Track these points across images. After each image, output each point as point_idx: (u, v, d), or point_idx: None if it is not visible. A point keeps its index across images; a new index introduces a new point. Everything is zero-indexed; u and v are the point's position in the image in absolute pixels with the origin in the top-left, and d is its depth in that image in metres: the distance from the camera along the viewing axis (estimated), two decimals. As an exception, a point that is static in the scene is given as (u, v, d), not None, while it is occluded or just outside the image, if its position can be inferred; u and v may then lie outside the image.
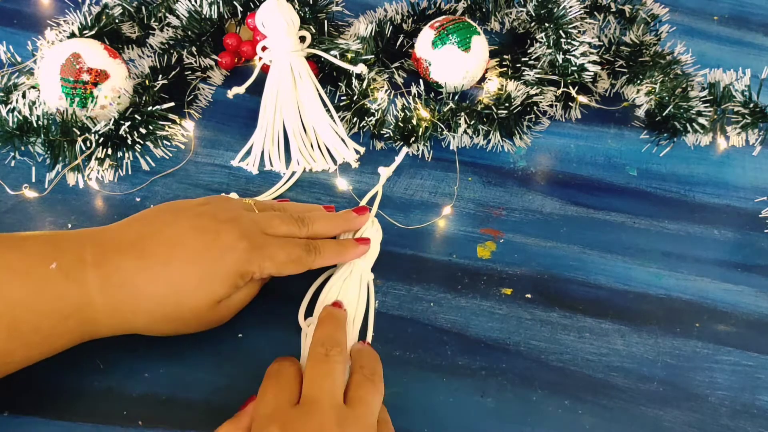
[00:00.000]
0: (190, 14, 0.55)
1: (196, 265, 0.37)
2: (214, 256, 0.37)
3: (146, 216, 0.40)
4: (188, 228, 0.38)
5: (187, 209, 0.40)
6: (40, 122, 0.47)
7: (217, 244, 0.37)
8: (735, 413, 0.41)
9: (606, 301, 0.46)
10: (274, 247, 0.39)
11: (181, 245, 0.37)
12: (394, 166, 0.52)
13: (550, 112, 0.56)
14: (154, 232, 0.38)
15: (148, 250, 0.37)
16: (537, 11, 0.57)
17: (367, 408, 0.35)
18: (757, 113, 0.54)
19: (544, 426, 0.40)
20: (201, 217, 0.39)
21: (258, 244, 0.39)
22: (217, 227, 0.38)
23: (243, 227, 0.39)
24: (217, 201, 0.41)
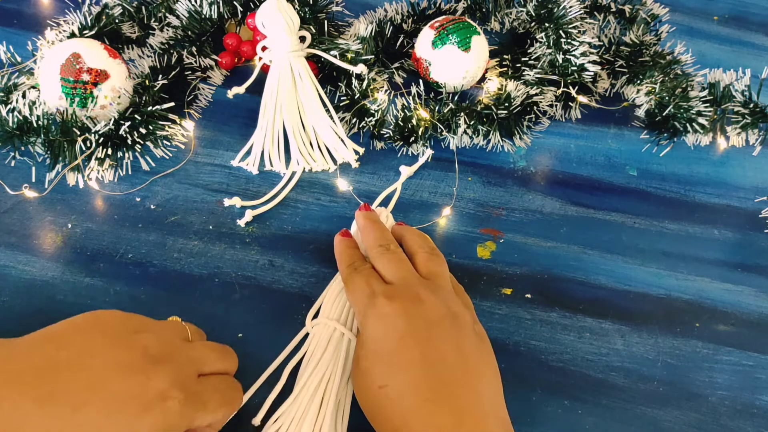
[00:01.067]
0: (190, 14, 0.55)
1: (115, 417, 0.30)
2: (140, 407, 0.31)
3: (66, 334, 0.32)
4: (113, 364, 0.31)
5: (120, 334, 0.33)
6: (40, 122, 0.47)
7: (146, 390, 0.31)
8: (735, 413, 0.41)
9: (606, 301, 0.46)
10: (208, 393, 0.34)
11: (100, 388, 0.30)
12: (416, 166, 0.52)
13: (550, 112, 0.56)
14: (70, 363, 0.31)
15: (57, 390, 0.29)
16: (537, 11, 0.57)
17: (443, 278, 0.40)
18: (757, 113, 0.54)
19: (544, 426, 0.40)
20: (133, 351, 0.32)
21: (192, 392, 0.33)
22: (148, 368, 0.32)
23: (177, 371, 0.33)
24: (155, 328, 0.35)
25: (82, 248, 0.45)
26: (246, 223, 0.47)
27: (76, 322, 0.33)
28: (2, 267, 0.44)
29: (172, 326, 0.37)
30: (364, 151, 0.52)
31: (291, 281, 0.45)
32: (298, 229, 0.48)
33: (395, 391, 0.34)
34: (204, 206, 0.48)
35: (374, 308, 0.37)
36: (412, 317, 0.36)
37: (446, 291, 0.39)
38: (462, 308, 0.38)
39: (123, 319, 0.35)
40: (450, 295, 0.39)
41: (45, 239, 0.46)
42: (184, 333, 0.37)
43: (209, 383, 0.35)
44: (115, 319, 0.34)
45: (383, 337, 0.36)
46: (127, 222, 0.47)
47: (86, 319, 0.34)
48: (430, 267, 0.40)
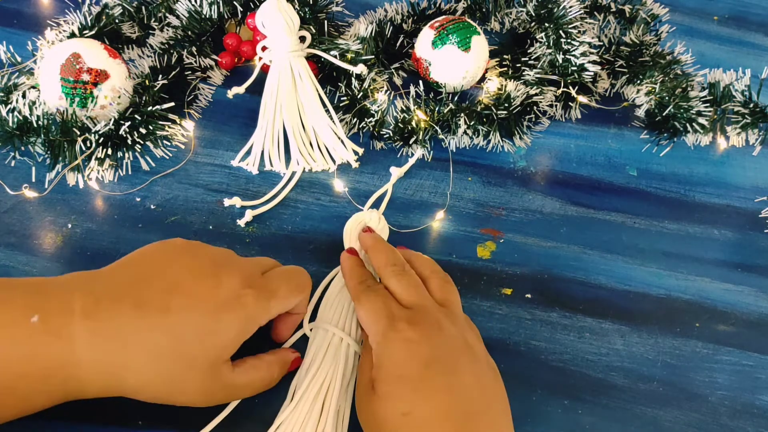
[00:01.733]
0: (190, 14, 0.55)
1: (197, 313, 0.34)
2: (219, 305, 0.34)
3: (138, 259, 0.36)
4: (186, 271, 0.35)
5: (184, 249, 0.37)
6: (40, 122, 0.47)
7: (219, 291, 0.35)
8: (735, 413, 0.42)
9: (606, 301, 0.46)
10: (276, 282, 0.37)
11: (181, 290, 0.34)
12: (406, 167, 0.51)
13: (550, 112, 0.56)
14: (151, 276, 0.34)
15: (144, 296, 0.33)
16: (537, 11, 0.57)
17: (456, 306, 0.40)
18: (757, 113, 0.54)
19: (544, 426, 0.40)
20: (199, 259, 0.36)
21: (261, 287, 0.36)
22: (218, 271, 0.35)
23: (244, 272, 0.36)
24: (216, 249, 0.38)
25: (82, 248, 0.45)
26: (246, 223, 0.47)
27: (144, 249, 0.37)
28: (2, 267, 0.44)
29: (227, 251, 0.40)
30: (363, 152, 0.52)
31: (291, 281, 0.45)
32: (298, 229, 0.48)
33: (420, 419, 0.33)
34: (204, 206, 0.48)
35: (396, 332, 0.36)
36: (436, 346, 0.35)
37: (462, 321, 0.39)
38: (476, 340, 0.38)
39: (185, 240, 0.38)
40: (465, 326, 0.39)
41: (45, 239, 0.46)
42: None
43: (274, 274, 0.38)
44: (178, 240, 0.38)
45: (406, 362, 0.35)
46: (127, 222, 0.47)
47: (155, 244, 0.37)
48: (445, 294, 0.40)
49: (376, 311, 0.38)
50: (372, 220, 0.47)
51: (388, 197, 0.50)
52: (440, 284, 0.40)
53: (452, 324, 0.37)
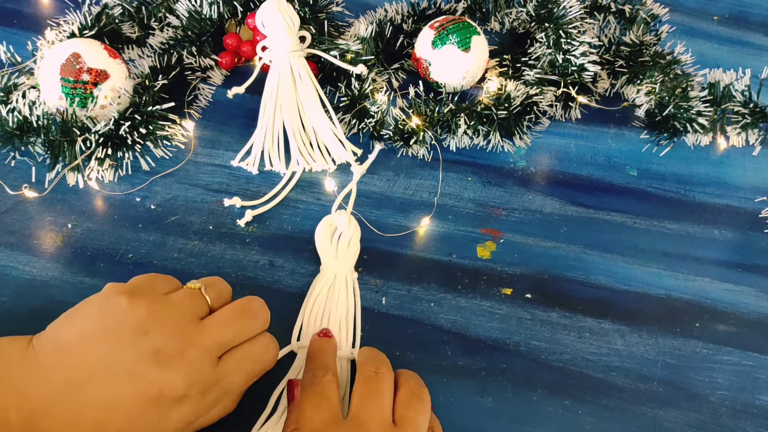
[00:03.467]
0: (190, 14, 0.55)
1: (134, 426, 0.31)
2: (158, 415, 0.32)
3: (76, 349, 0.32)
4: (125, 378, 0.31)
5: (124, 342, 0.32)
6: (40, 122, 0.47)
7: (160, 401, 0.31)
8: (735, 413, 0.41)
9: (606, 301, 0.46)
10: (233, 375, 0.34)
11: (117, 406, 0.31)
12: (367, 164, 0.51)
13: (550, 112, 0.56)
14: (85, 383, 0.31)
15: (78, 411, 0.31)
16: (537, 11, 0.57)
17: (416, 428, 0.35)
18: (757, 113, 0.54)
19: (544, 426, 0.40)
20: (141, 361, 0.32)
21: (213, 383, 0.33)
22: (159, 378, 0.32)
23: (192, 367, 0.32)
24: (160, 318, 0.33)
25: (82, 248, 0.45)
26: (246, 223, 0.47)
27: (84, 328, 0.33)
28: (2, 267, 0.44)
29: (187, 303, 0.35)
30: (362, 153, 0.52)
31: (291, 281, 0.45)
32: (298, 229, 0.48)
33: None
34: (204, 206, 0.48)
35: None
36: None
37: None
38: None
39: (130, 313, 0.33)
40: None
41: (45, 239, 0.46)
42: (201, 306, 0.35)
43: (232, 363, 0.34)
44: (122, 315, 0.33)
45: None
46: (127, 222, 0.47)
47: (92, 320, 0.33)
48: (407, 410, 0.35)
49: (303, 418, 0.34)
50: (342, 221, 0.46)
51: (353, 197, 0.49)
52: (407, 396, 0.36)
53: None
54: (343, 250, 0.45)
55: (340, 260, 0.44)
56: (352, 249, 0.45)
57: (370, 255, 0.46)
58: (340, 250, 0.45)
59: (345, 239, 0.45)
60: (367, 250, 0.46)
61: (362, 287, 0.45)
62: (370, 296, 0.45)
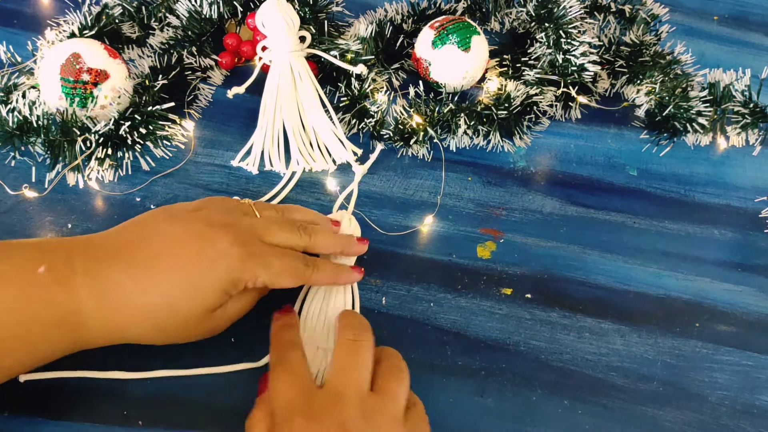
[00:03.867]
0: (190, 14, 0.55)
1: (185, 273, 0.35)
2: (205, 264, 0.36)
3: (139, 222, 0.38)
4: (180, 234, 0.37)
5: (181, 214, 0.38)
6: (40, 122, 0.47)
7: (208, 251, 0.36)
8: (735, 413, 0.42)
9: (606, 301, 0.46)
10: (270, 256, 0.38)
11: (170, 253, 0.36)
12: (368, 164, 0.51)
13: (550, 112, 0.56)
14: (144, 239, 0.37)
15: (136, 259, 0.36)
16: (537, 11, 0.57)
17: (394, 398, 0.35)
18: (757, 113, 0.54)
19: (544, 426, 0.40)
20: (194, 223, 0.37)
21: (252, 251, 0.37)
22: (210, 233, 0.37)
23: (237, 232, 0.37)
24: (215, 203, 0.40)
25: (82, 248, 0.45)
26: (246, 223, 0.47)
27: (149, 213, 0.39)
28: (2, 267, 0.44)
29: (234, 203, 0.41)
30: (362, 153, 0.52)
31: (291, 281, 0.45)
32: (298, 229, 0.48)
33: None
34: (204, 206, 0.48)
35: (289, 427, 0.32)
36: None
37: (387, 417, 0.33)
38: None
39: (187, 203, 0.40)
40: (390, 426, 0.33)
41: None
42: (247, 209, 0.41)
43: (274, 249, 0.38)
44: (180, 205, 0.40)
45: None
46: (127, 222, 0.47)
47: (156, 210, 0.39)
48: (386, 381, 0.35)
49: (277, 394, 0.34)
50: (343, 220, 0.46)
51: (355, 196, 0.50)
52: (387, 367, 0.36)
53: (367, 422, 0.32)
54: None
55: (339, 259, 0.44)
56: None
57: (370, 255, 0.46)
58: None
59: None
60: (368, 250, 0.46)
61: (362, 287, 0.45)
62: (370, 296, 0.45)
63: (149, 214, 0.39)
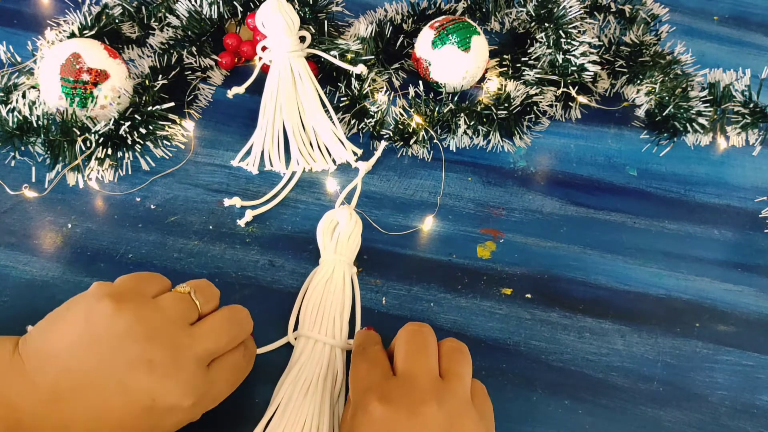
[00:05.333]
0: (190, 14, 0.55)
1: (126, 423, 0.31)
2: (149, 425, 0.31)
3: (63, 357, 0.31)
4: (115, 389, 0.31)
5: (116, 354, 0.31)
6: (40, 122, 0.47)
7: (152, 411, 0.31)
8: (735, 413, 0.41)
9: (606, 301, 0.46)
10: (221, 384, 0.35)
11: (108, 417, 0.30)
12: (373, 161, 0.51)
13: (550, 112, 0.56)
14: (74, 394, 0.30)
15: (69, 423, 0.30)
16: (537, 11, 0.57)
17: (461, 381, 0.35)
18: (757, 113, 0.54)
19: (544, 426, 0.40)
20: (132, 370, 0.31)
21: (204, 392, 0.33)
22: (152, 388, 0.31)
23: (185, 377, 0.32)
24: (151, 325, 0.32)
25: (82, 248, 0.45)
26: (246, 223, 0.47)
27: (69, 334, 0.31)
28: (2, 267, 0.44)
29: (177, 309, 0.34)
30: (362, 152, 0.52)
31: (291, 281, 0.45)
32: (298, 229, 0.48)
33: None
34: (204, 206, 0.48)
35: (364, 413, 0.32)
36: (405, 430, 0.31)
37: (459, 400, 0.34)
38: (472, 427, 0.33)
39: (117, 320, 0.32)
40: (461, 407, 0.33)
41: (45, 239, 0.46)
42: (191, 311, 0.34)
43: (221, 372, 0.34)
44: (110, 323, 0.31)
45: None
46: (127, 222, 0.47)
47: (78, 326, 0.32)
48: (452, 364, 0.35)
49: (355, 380, 0.35)
50: (343, 216, 0.46)
51: (358, 192, 0.50)
52: (450, 350, 0.36)
53: (440, 405, 0.32)
54: (342, 245, 0.45)
55: (339, 254, 0.44)
56: (351, 243, 0.45)
57: (371, 255, 0.46)
58: (339, 244, 0.45)
59: (345, 234, 0.45)
60: (368, 250, 0.46)
61: (362, 287, 0.45)
62: (370, 296, 0.45)
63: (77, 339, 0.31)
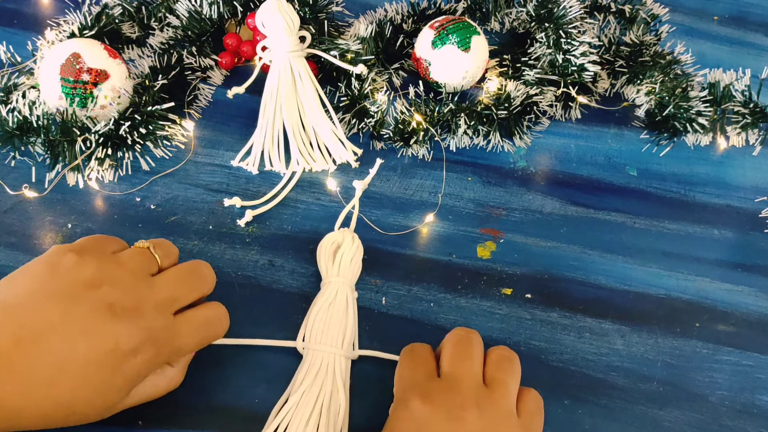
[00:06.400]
0: (190, 14, 0.55)
1: (88, 381, 0.31)
2: (112, 368, 0.31)
3: (25, 307, 0.31)
4: (79, 334, 0.31)
5: (77, 297, 0.32)
6: (40, 122, 0.47)
7: (115, 354, 0.31)
8: (735, 413, 0.42)
9: (606, 301, 0.46)
10: (185, 336, 0.35)
11: (72, 362, 0.31)
12: (368, 180, 0.50)
13: (550, 112, 0.56)
14: (36, 341, 0.30)
15: (30, 373, 0.30)
16: (537, 11, 0.57)
17: (506, 390, 0.34)
18: (757, 113, 0.54)
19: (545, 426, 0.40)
20: (95, 315, 0.31)
21: (166, 339, 0.33)
22: (115, 330, 0.31)
23: (146, 323, 0.33)
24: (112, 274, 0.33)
25: (82, 248, 0.45)
26: (246, 223, 0.47)
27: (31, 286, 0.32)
28: (2, 267, 0.44)
29: (136, 261, 0.35)
30: (362, 152, 0.52)
31: (291, 281, 0.45)
32: (298, 229, 0.48)
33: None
34: (204, 206, 0.48)
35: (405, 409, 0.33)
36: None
37: (501, 410, 0.33)
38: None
39: (80, 269, 0.33)
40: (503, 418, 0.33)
41: (45, 239, 0.46)
42: (151, 264, 0.35)
43: (186, 324, 0.35)
44: (72, 272, 0.32)
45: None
46: (127, 222, 0.47)
47: (41, 278, 0.32)
48: (497, 372, 0.35)
49: (400, 377, 0.36)
50: (346, 239, 0.45)
51: (356, 214, 0.48)
52: (498, 358, 0.36)
53: (481, 412, 0.32)
54: (345, 268, 0.44)
55: (343, 277, 0.43)
56: (353, 267, 0.44)
57: (370, 255, 0.46)
58: (342, 267, 0.44)
59: (348, 257, 0.44)
60: (368, 250, 0.46)
61: (362, 287, 0.45)
62: (370, 296, 0.45)
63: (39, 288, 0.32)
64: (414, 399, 0.33)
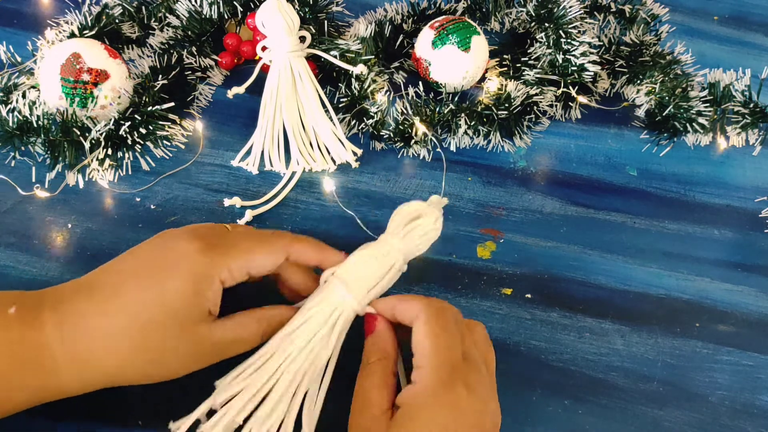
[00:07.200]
0: (190, 14, 0.55)
1: (148, 286, 0.33)
2: (167, 269, 0.33)
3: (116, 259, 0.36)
4: (142, 250, 0.35)
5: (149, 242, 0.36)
6: (40, 122, 0.47)
7: (168, 255, 0.34)
8: (735, 413, 0.42)
9: (606, 301, 0.46)
10: (234, 239, 0.36)
11: (133, 269, 0.34)
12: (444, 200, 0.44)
13: (550, 112, 0.56)
14: (108, 266, 0.35)
15: (98, 284, 0.34)
16: (537, 11, 0.57)
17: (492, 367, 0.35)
18: (757, 113, 0.54)
19: (544, 426, 0.40)
20: (156, 237, 0.36)
21: (214, 242, 0.35)
22: (171, 240, 0.35)
23: (198, 231, 0.36)
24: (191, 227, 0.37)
25: (83, 248, 0.45)
26: (246, 223, 0.47)
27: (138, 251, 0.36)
28: (2, 267, 0.44)
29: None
30: (362, 153, 0.52)
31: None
32: (298, 229, 0.48)
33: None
34: (204, 206, 0.48)
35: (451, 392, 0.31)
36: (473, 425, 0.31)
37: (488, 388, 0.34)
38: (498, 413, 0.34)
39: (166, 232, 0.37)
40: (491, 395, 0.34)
41: (45, 239, 0.46)
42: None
43: (235, 230, 0.37)
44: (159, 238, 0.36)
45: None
46: (127, 222, 0.47)
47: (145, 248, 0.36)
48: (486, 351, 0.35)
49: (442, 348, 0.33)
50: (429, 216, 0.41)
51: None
52: (484, 337, 0.36)
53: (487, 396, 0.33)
54: (412, 238, 0.40)
55: (406, 244, 0.40)
56: (420, 243, 0.40)
57: (370, 255, 0.46)
58: (409, 236, 0.40)
59: (420, 231, 0.40)
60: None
61: (362, 287, 0.45)
62: (370, 296, 0.45)
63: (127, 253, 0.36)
64: (459, 383, 0.31)
